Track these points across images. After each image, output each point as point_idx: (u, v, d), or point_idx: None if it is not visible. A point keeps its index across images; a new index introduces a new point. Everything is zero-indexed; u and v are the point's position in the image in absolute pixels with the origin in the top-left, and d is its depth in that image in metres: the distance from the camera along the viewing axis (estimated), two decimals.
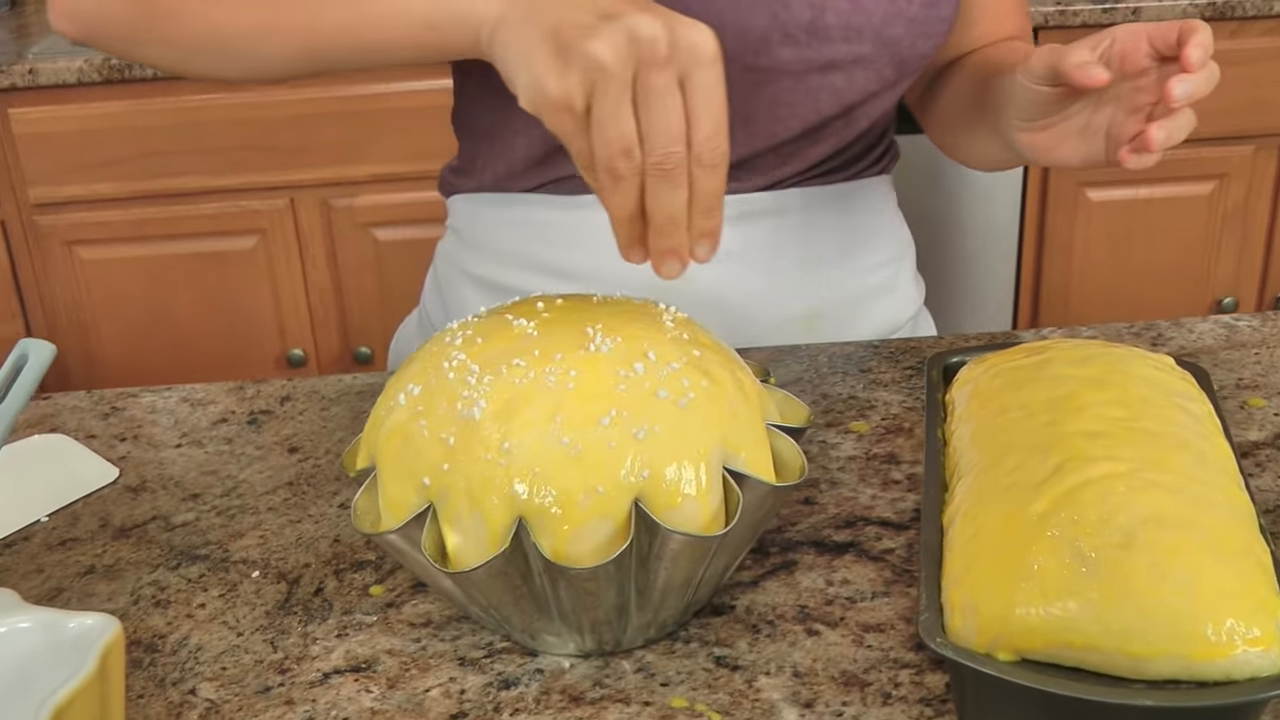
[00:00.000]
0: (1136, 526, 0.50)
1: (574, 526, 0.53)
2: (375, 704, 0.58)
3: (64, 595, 0.67)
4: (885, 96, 0.90)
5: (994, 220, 2.08)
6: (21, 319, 2.08)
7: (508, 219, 0.94)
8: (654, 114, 0.56)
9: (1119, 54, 0.69)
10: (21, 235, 2.04)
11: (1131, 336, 0.87)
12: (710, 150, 0.57)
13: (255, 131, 2.01)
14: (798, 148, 0.90)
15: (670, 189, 0.57)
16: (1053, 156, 0.75)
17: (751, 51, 0.84)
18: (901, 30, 0.85)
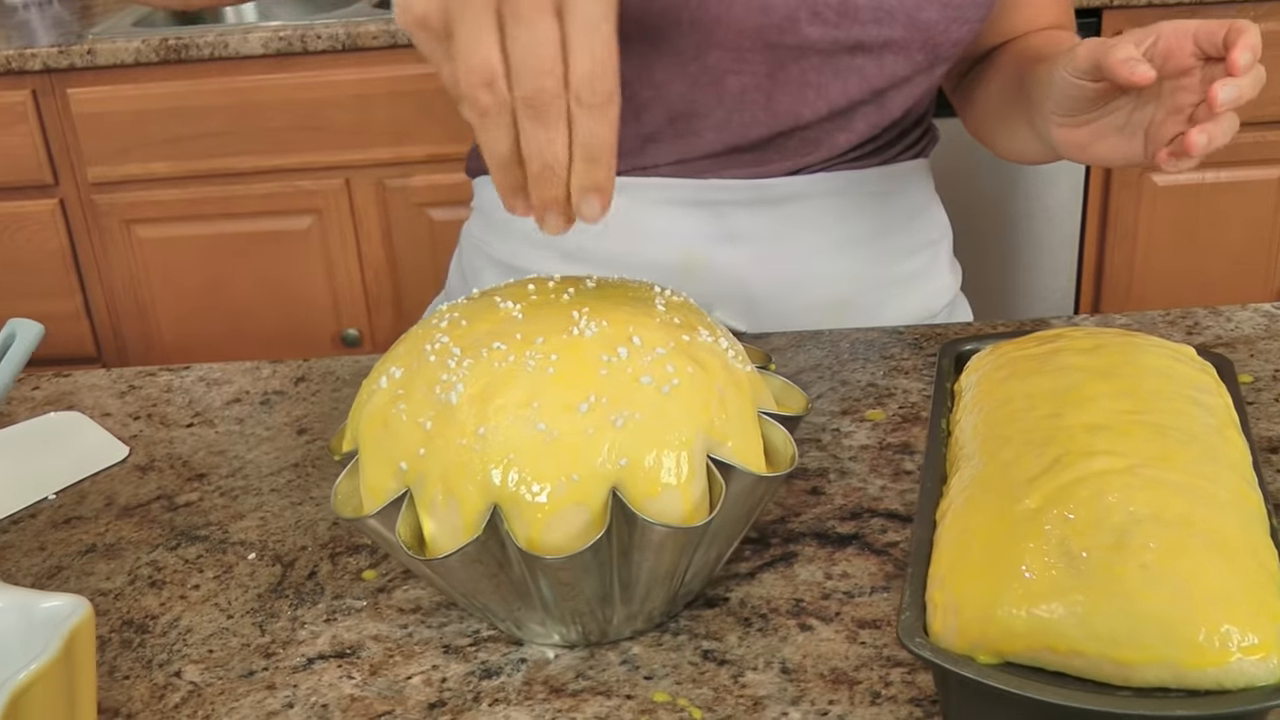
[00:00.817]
0: (1131, 526, 0.47)
1: (548, 514, 0.52)
2: (356, 690, 0.57)
3: (63, 574, 0.67)
4: (918, 82, 0.87)
5: (1056, 204, 2.03)
6: (80, 296, 2.12)
7: None
8: (520, 42, 0.51)
9: (1163, 51, 0.66)
10: (80, 214, 2.07)
11: (1166, 325, 0.84)
12: (590, 89, 0.51)
13: (311, 112, 2.02)
14: (825, 132, 0.88)
15: (541, 129, 0.52)
16: (1089, 154, 0.72)
17: (776, 28, 0.82)
18: (935, 14, 0.82)
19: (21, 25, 2.13)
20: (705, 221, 0.89)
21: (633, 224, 0.90)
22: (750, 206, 0.89)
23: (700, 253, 0.89)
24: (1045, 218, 2.04)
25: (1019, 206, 2.03)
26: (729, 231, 0.89)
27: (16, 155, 2.00)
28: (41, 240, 2.07)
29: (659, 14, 0.81)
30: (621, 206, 0.90)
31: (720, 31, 0.82)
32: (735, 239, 0.89)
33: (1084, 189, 2.01)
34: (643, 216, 0.90)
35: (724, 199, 0.89)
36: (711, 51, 0.83)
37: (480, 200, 0.99)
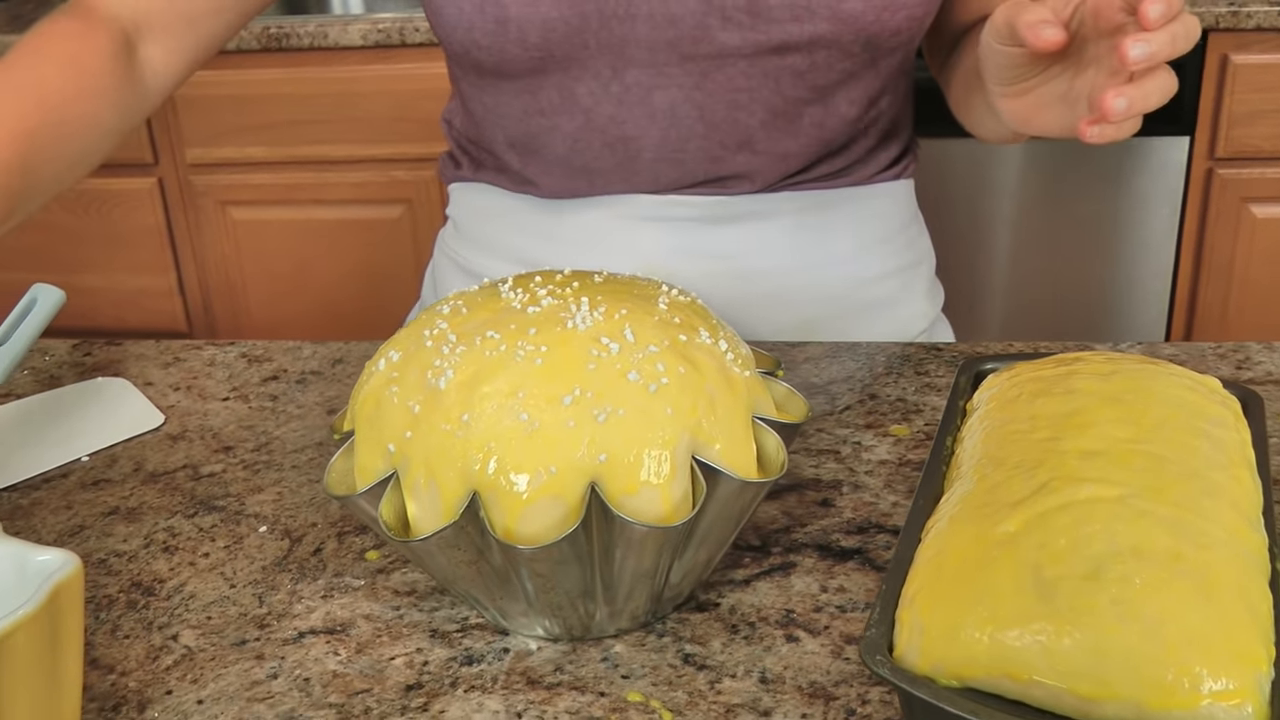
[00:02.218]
0: (1110, 557, 0.46)
1: (525, 505, 0.52)
2: (339, 667, 0.58)
3: (84, 533, 0.69)
4: (864, 77, 0.83)
5: (1151, 234, 1.97)
6: (174, 273, 2.18)
7: (494, 209, 0.93)
8: None
9: (1091, 9, 0.60)
10: (178, 193, 2.13)
11: (1216, 357, 0.81)
12: None
13: (406, 104, 2.05)
14: (772, 142, 0.84)
15: None
16: (1032, 125, 0.67)
17: (689, 39, 0.80)
18: (859, 5, 0.78)
19: None
20: (664, 237, 0.87)
21: (592, 239, 0.89)
22: (710, 224, 0.87)
23: (659, 268, 0.87)
24: (1139, 247, 1.99)
25: (1113, 235, 1.99)
26: (688, 247, 0.88)
27: None
28: (139, 217, 2.14)
29: (563, 41, 0.80)
30: (581, 222, 0.89)
31: (631, 50, 0.80)
32: (695, 255, 0.88)
33: (1180, 219, 1.95)
34: (601, 232, 0.88)
35: (682, 215, 0.87)
36: (629, 70, 0.81)
37: (453, 208, 0.98)
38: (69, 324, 2.20)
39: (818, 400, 0.79)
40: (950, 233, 2.08)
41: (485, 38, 0.80)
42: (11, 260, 2.19)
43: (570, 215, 0.89)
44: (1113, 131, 0.59)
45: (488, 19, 0.80)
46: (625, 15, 0.79)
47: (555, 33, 0.79)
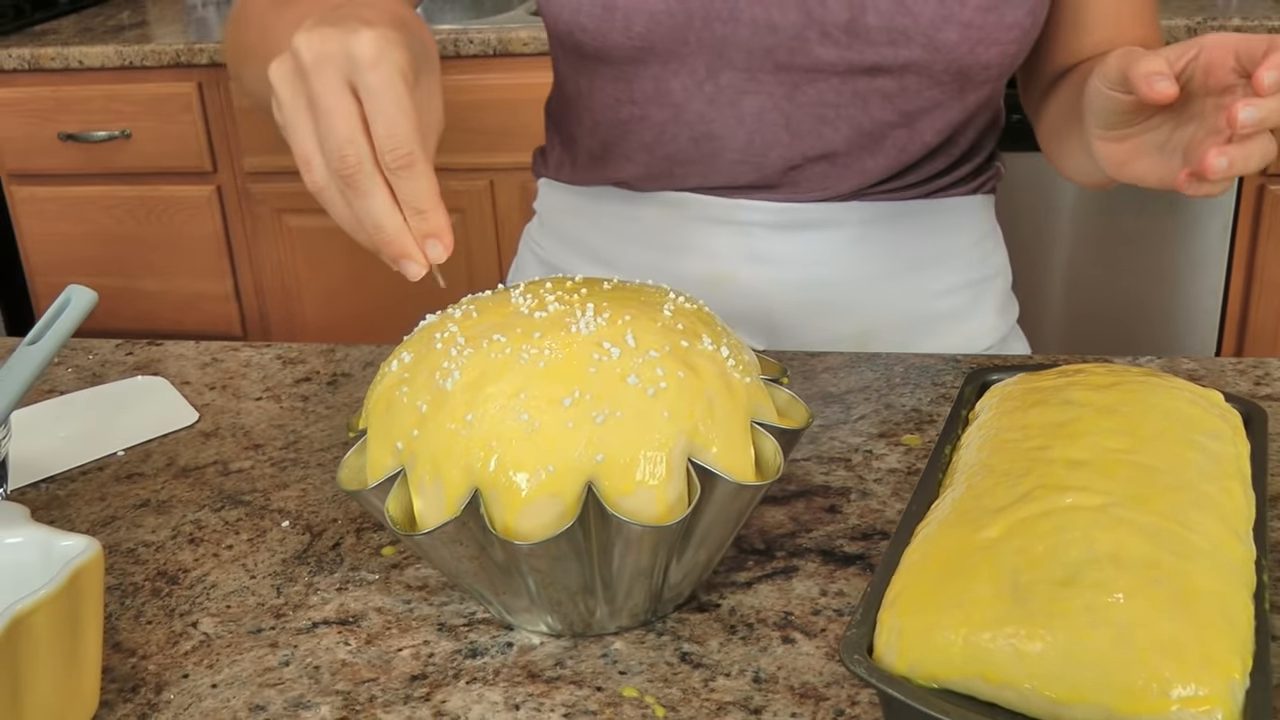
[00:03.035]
0: (1087, 564, 0.47)
1: (524, 502, 0.53)
2: (348, 656, 0.60)
3: (115, 523, 0.72)
4: (951, 108, 0.85)
5: (1202, 252, 1.96)
6: (231, 278, 2.23)
7: (575, 206, 0.96)
8: (320, 121, 0.55)
9: (1204, 65, 0.61)
10: (236, 200, 2.18)
11: (1235, 372, 0.81)
12: (389, 151, 0.55)
13: (459, 114, 2.08)
14: (853, 158, 0.87)
15: (357, 194, 0.56)
16: (1126, 172, 0.68)
17: (786, 49, 0.82)
18: (955, 36, 0.80)
19: (199, 21, 2.26)
20: (732, 240, 0.90)
21: (664, 238, 0.91)
22: (779, 229, 0.89)
23: (725, 269, 0.90)
24: (1191, 263, 1.97)
25: (1165, 252, 1.97)
26: (755, 252, 0.89)
27: (180, 142, 2.13)
28: (198, 224, 2.19)
29: (667, 34, 0.82)
30: (655, 220, 0.92)
31: (730, 52, 0.83)
32: (761, 260, 0.89)
33: (1231, 236, 1.93)
34: (673, 231, 0.91)
35: (752, 220, 0.89)
36: (724, 71, 0.83)
37: (540, 203, 1.02)
38: (129, 326, 2.26)
39: (833, 409, 0.80)
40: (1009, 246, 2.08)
41: (591, 21, 0.83)
42: (76, 266, 2.26)
43: (644, 213, 0.92)
44: (1208, 188, 0.60)
45: (595, 3, 0.82)
46: (728, 17, 0.81)
47: (659, 25, 0.82)
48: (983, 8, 0.79)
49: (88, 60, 2.08)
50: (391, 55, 0.55)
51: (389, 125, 0.55)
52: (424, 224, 0.57)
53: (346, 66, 0.55)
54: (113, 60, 2.07)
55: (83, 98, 2.12)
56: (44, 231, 2.24)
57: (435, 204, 0.57)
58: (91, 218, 2.22)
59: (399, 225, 0.57)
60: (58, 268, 2.26)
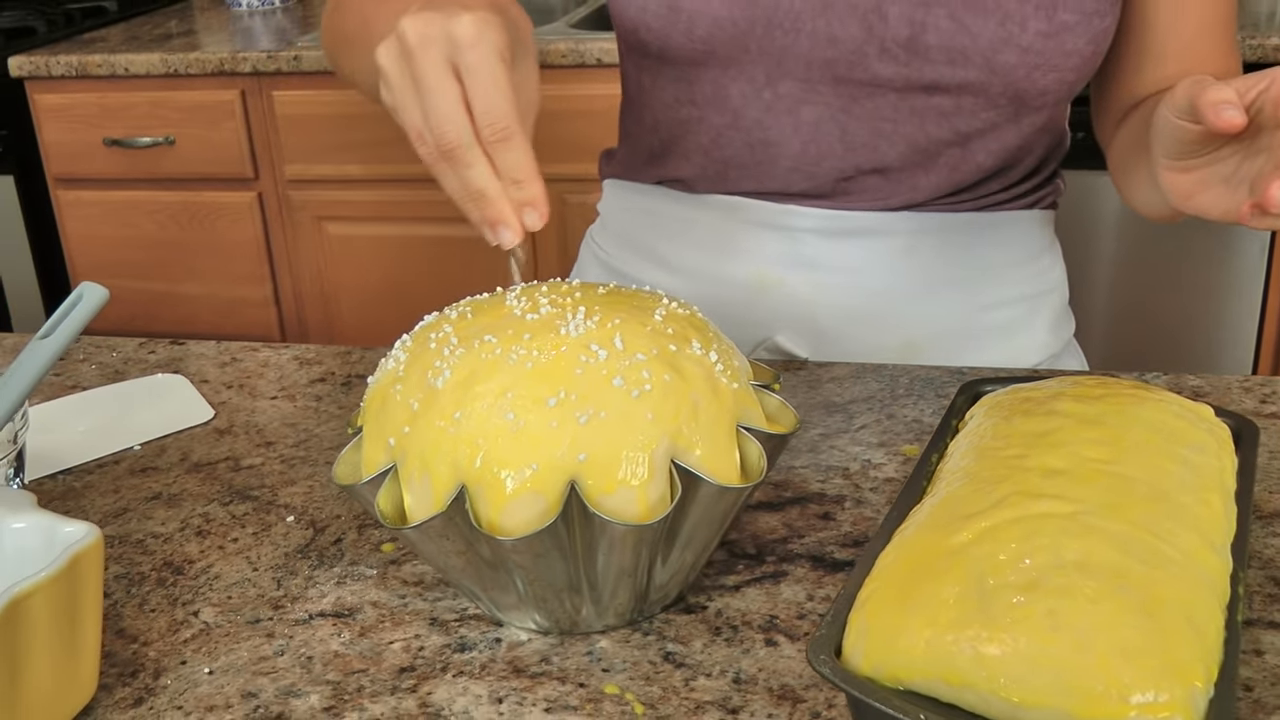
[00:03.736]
0: (1053, 569, 0.47)
1: (508, 499, 0.55)
2: (341, 648, 0.61)
3: (126, 514, 0.74)
4: (1006, 131, 0.86)
5: (1239, 273, 1.94)
6: (271, 284, 2.27)
7: (633, 205, 0.98)
8: (425, 101, 0.60)
9: (1273, 99, 0.60)
10: (276, 207, 2.21)
11: (1241, 390, 0.81)
12: (488, 125, 0.60)
13: None
14: (905, 174, 0.88)
15: (460, 167, 0.61)
16: (1191, 204, 0.67)
17: (845, 63, 0.83)
18: (1014, 59, 0.81)
19: (245, 30, 2.30)
20: (782, 245, 0.91)
21: (716, 239, 0.93)
22: (830, 236, 0.90)
23: (773, 274, 0.91)
24: (1227, 286, 1.95)
25: (1201, 274, 1.96)
26: (804, 258, 0.91)
27: (223, 149, 2.17)
28: (239, 230, 2.23)
29: (728, 40, 0.84)
30: (708, 223, 0.93)
31: (789, 62, 0.84)
32: (810, 266, 0.91)
33: (1268, 258, 1.92)
34: (724, 233, 0.92)
35: (803, 226, 0.90)
36: (783, 81, 0.85)
37: (604, 204, 1.04)
38: (169, 330, 2.30)
39: (836, 418, 0.80)
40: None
41: (655, 20, 0.85)
42: (119, 269, 2.30)
43: (699, 215, 0.93)
44: (1271, 221, 0.60)
45: (661, 3, 0.84)
46: (790, 28, 0.82)
47: (721, 30, 0.83)
48: (1043, 34, 0.80)
49: (133, 68, 2.12)
50: (490, 36, 0.60)
51: (487, 101, 0.60)
52: (520, 193, 0.62)
53: (448, 48, 0.60)
54: (158, 68, 2.11)
55: (128, 104, 2.17)
56: (88, 235, 2.29)
57: (532, 175, 0.62)
58: (135, 222, 2.26)
59: (498, 190, 0.62)
60: (101, 270, 2.31)
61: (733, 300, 0.92)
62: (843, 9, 0.81)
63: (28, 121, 2.24)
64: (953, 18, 0.80)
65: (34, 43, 2.25)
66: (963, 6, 0.80)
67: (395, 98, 0.62)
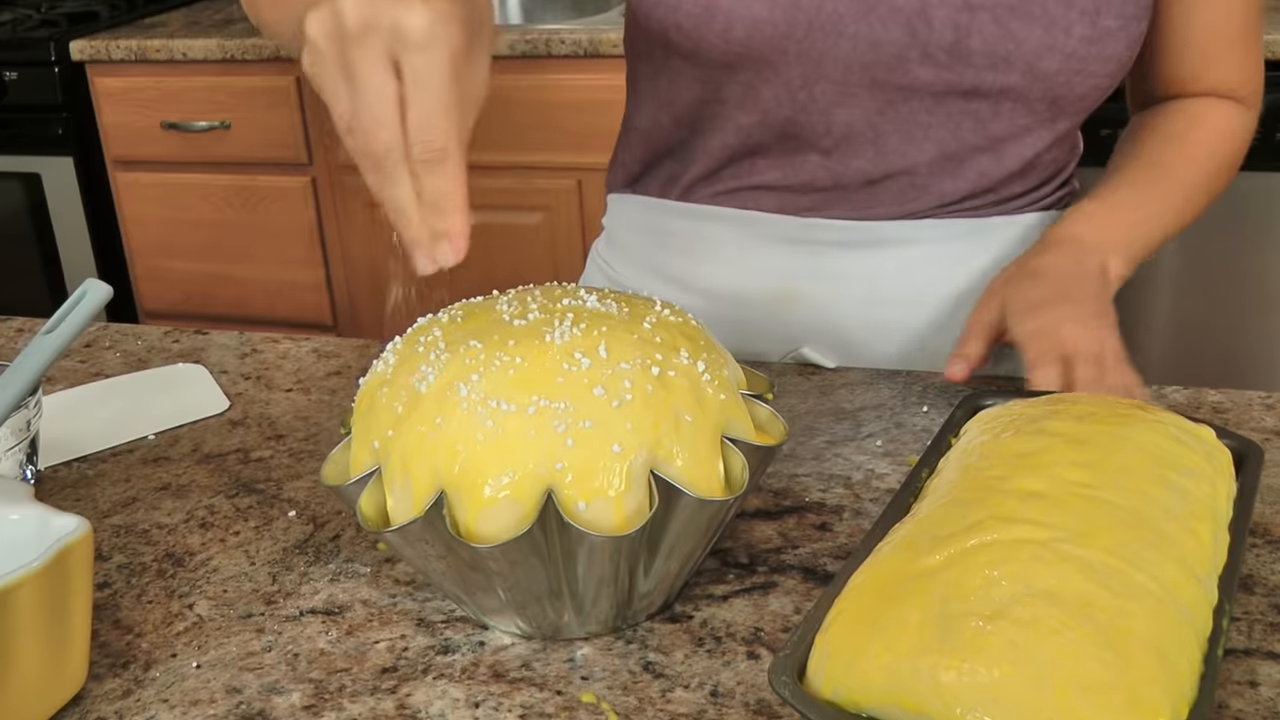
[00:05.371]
0: (1020, 598, 0.46)
1: (484, 506, 0.55)
2: (328, 645, 0.62)
3: (135, 504, 0.75)
4: (1039, 134, 0.85)
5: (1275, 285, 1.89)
6: (324, 269, 2.29)
7: (642, 223, 0.96)
8: (357, 95, 0.53)
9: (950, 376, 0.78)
10: (329, 193, 2.24)
11: (1263, 407, 0.79)
12: (421, 142, 0.53)
13: (549, 113, 2.11)
14: (934, 178, 0.87)
15: (384, 178, 0.54)
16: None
17: (885, 66, 0.82)
18: (1056, 65, 0.80)
19: None
20: (805, 259, 0.90)
21: (735, 255, 0.92)
22: (852, 248, 0.89)
23: (796, 288, 0.90)
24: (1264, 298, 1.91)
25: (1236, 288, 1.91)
26: (828, 271, 0.90)
27: (278, 134, 2.19)
28: (293, 214, 2.25)
29: (765, 41, 0.82)
30: (725, 239, 0.92)
31: (828, 65, 0.82)
32: (834, 278, 0.90)
33: None
34: (743, 249, 0.91)
35: (826, 239, 0.89)
36: (819, 84, 0.83)
37: (609, 218, 1.02)
38: (224, 311, 2.33)
39: (843, 426, 0.79)
40: None
41: (688, 21, 0.81)
42: (175, 250, 2.34)
43: (713, 230, 0.92)
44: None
45: (696, 4, 0.81)
46: (832, 30, 0.81)
47: (760, 32, 0.81)
48: (1087, 39, 0.80)
49: (191, 53, 2.15)
50: (443, 35, 0.53)
51: (425, 116, 0.53)
52: (440, 222, 0.56)
53: (393, 42, 0.53)
54: (215, 53, 2.14)
55: (185, 89, 2.20)
56: (145, 216, 2.33)
57: (457, 206, 0.56)
58: (190, 205, 2.29)
59: (416, 212, 0.55)
60: (157, 251, 2.35)
61: (753, 318, 0.91)
62: (886, 12, 0.80)
63: (88, 104, 2.28)
64: (998, 22, 0.79)
65: (95, 27, 2.29)
66: (1008, 11, 0.79)
67: (322, 78, 0.55)
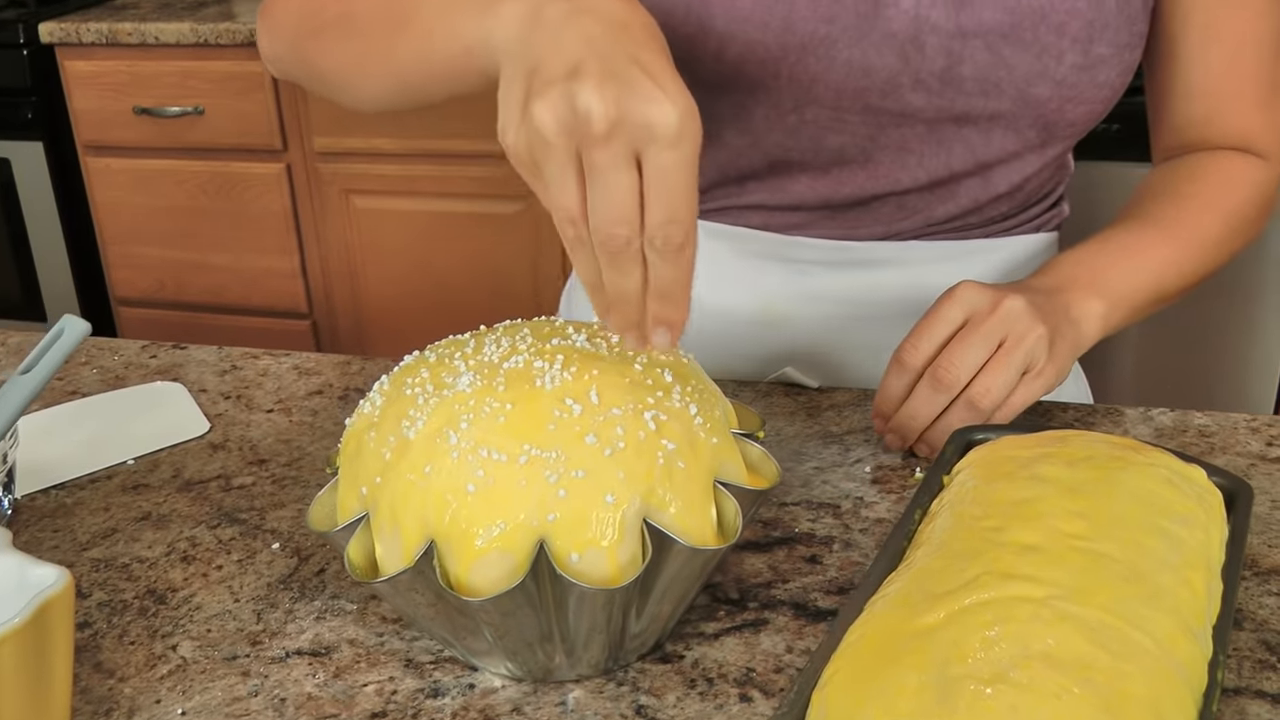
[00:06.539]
0: (1019, 661, 0.46)
1: (475, 557, 0.54)
2: (315, 689, 0.61)
3: (114, 536, 0.74)
4: (1029, 160, 0.85)
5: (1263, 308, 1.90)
6: (298, 255, 2.27)
7: None
8: (596, 192, 0.53)
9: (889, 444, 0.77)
10: (304, 179, 2.21)
11: (1248, 430, 0.79)
12: (664, 237, 0.53)
13: None
14: (923, 201, 0.86)
15: (616, 270, 0.54)
16: None
17: (877, 92, 0.81)
18: (1047, 91, 0.80)
19: None
20: (789, 278, 0.89)
21: (718, 271, 0.91)
22: (837, 268, 0.89)
23: (780, 308, 0.89)
24: (1251, 317, 1.91)
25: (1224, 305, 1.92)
26: (812, 291, 0.89)
27: (252, 120, 2.16)
28: (267, 201, 2.23)
29: (758, 64, 0.81)
30: (710, 252, 0.91)
31: (819, 90, 0.81)
32: (818, 298, 0.89)
33: None
34: (728, 265, 0.90)
35: (811, 258, 0.89)
36: (810, 107, 0.82)
37: None
38: (197, 299, 2.31)
39: (831, 450, 0.79)
40: None
41: (681, 41, 0.80)
42: (148, 237, 2.31)
43: (702, 247, 0.90)
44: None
45: (690, 24, 0.79)
46: (824, 55, 0.80)
47: (753, 55, 0.80)
48: (1078, 66, 0.79)
49: (164, 36, 2.12)
50: (692, 130, 0.52)
51: (671, 211, 0.53)
52: (664, 310, 0.56)
53: (641, 139, 0.52)
54: (188, 37, 2.11)
55: (158, 73, 2.17)
56: (117, 202, 2.30)
57: (685, 297, 0.56)
58: (164, 191, 2.27)
59: (640, 296, 0.56)
60: (130, 238, 2.32)
61: (737, 335, 0.90)
62: (879, 38, 0.79)
63: (58, 88, 2.25)
64: (990, 49, 0.78)
65: (65, 9, 2.26)
66: (1000, 39, 0.78)
67: (548, 168, 0.53)
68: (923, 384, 0.71)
